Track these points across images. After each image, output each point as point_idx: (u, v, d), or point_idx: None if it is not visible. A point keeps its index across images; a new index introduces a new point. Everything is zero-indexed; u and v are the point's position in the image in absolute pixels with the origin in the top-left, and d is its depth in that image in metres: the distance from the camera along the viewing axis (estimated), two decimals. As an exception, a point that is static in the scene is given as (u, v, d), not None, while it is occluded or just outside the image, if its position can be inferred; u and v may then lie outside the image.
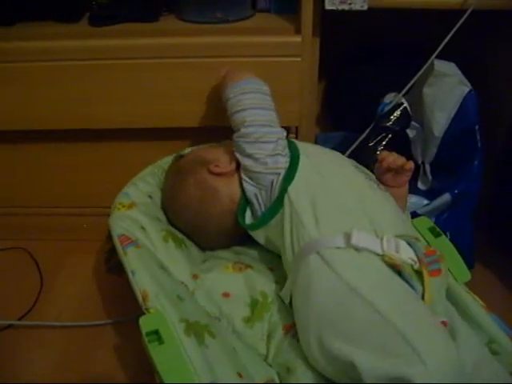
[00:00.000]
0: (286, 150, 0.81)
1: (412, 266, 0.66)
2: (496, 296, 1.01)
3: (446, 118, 0.99)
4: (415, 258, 0.67)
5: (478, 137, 0.98)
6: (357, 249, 0.68)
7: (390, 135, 1.03)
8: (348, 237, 0.68)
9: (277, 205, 0.77)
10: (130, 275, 0.71)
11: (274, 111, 0.83)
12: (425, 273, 0.65)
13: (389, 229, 0.72)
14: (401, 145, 1.05)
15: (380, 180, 0.85)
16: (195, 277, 0.81)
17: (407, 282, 0.65)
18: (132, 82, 0.98)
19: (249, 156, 0.80)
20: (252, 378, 0.67)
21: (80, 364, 0.92)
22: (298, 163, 0.79)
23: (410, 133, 1.05)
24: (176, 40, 0.95)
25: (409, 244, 0.69)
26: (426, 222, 0.90)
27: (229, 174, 0.84)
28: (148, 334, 0.62)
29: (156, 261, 0.78)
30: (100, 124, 1.03)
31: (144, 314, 0.66)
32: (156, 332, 0.63)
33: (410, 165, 0.83)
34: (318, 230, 0.71)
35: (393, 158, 0.83)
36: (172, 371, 0.60)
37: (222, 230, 0.87)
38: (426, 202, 1.03)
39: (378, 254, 0.67)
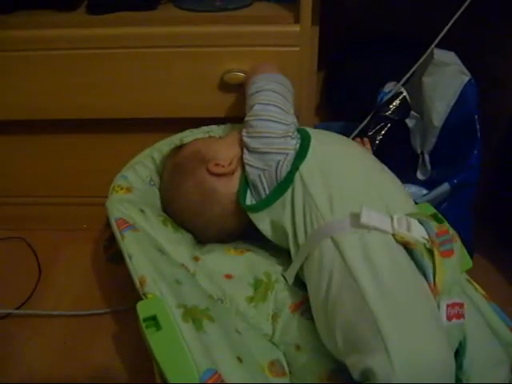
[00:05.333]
0: (296, 133, 0.80)
1: (424, 244, 0.64)
2: (495, 286, 0.99)
3: (445, 108, 0.98)
4: (427, 237, 0.65)
5: (478, 126, 0.97)
6: (368, 229, 0.66)
7: (388, 124, 1.03)
8: (357, 217, 0.66)
9: (286, 184, 0.75)
10: (127, 260, 0.71)
11: (292, 104, 0.83)
12: (436, 253, 0.63)
13: (400, 208, 0.71)
14: (400, 134, 1.05)
15: None
16: (196, 259, 0.81)
17: (418, 261, 0.63)
18: (131, 72, 0.97)
19: (257, 136, 0.78)
20: (254, 361, 0.67)
21: (79, 353, 0.93)
22: (309, 144, 0.77)
23: (410, 122, 1.05)
24: (174, 29, 0.94)
25: (420, 223, 0.67)
26: (428, 209, 0.89)
27: (229, 173, 0.82)
28: (145, 320, 0.62)
29: (155, 244, 0.77)
30: (99, 114, 1.02)
31: (142, 299, 0.66)
32: (153, 318, 0.62)
33: None
34: (332, 212, 0.70)
35: None
36: (169, 357, 0.60)
37: (221, 230, 0.87)
38: (424, 191, 1.02)
39: (389, 233, 0.65)
